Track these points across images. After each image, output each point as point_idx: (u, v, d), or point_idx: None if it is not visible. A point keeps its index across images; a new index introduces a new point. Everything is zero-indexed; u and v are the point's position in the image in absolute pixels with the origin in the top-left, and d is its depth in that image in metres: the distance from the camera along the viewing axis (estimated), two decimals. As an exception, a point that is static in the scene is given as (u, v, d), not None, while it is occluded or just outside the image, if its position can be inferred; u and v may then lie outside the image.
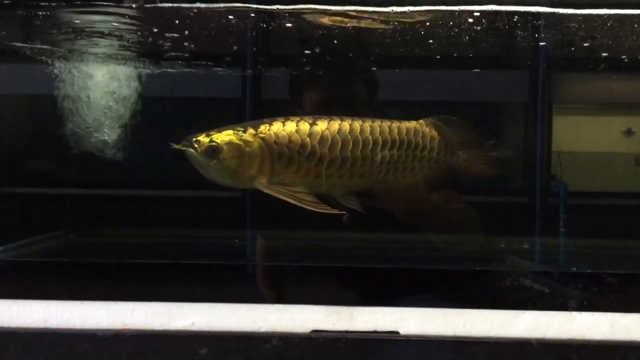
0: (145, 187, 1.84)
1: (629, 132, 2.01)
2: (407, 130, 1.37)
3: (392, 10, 1.40)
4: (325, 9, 1.45)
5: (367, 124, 1.35)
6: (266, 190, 1.30)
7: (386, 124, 1.36)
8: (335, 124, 1.33)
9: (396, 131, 1.36)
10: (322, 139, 1.32)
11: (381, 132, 1.34)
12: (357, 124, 1.34)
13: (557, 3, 1.46)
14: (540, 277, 1.30)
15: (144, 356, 1.19)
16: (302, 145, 1.31)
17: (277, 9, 1.46)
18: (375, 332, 1.21)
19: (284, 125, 1.32)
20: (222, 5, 1.47)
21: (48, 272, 1.32)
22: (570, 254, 1.79)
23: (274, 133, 1.31)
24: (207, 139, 1.30)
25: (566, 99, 2.02)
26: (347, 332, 1.21)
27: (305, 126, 1.32)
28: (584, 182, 2.02)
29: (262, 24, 1.56)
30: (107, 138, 1.59)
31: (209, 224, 1.61)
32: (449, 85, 1.84)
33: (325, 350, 1.19)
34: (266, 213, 1.58)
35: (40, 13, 1.49)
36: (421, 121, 1.40)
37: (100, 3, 1.44)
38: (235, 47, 1.69)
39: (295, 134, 1.31)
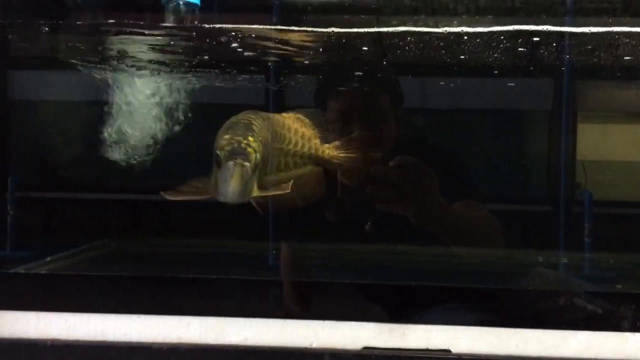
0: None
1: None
2: (284, 122, 1.25)
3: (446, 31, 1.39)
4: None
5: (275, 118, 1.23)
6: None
7: (278, 115, 1.25)
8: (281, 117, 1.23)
9: (284, 123, 1.25)
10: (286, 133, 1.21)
11: (283, 125, 1.23)
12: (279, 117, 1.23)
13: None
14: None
15: (198, 370, 1.20)
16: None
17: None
18: (427, 350, 1.22)
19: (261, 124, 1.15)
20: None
21: (102, 284, 1.32)
22: (596, 267, 1.78)
23: (263, 135, 1.13)
24: (252, 149, 1.06)
25: (591, 106, 2.02)
26: (398, 349, 1.22)
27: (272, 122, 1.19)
28: (608, 190, 2.02)
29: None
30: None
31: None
32: (472, 94, 1.83)
33: (376, 367, 1.20)
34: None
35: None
36: (286, 114, 1.27)
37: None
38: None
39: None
